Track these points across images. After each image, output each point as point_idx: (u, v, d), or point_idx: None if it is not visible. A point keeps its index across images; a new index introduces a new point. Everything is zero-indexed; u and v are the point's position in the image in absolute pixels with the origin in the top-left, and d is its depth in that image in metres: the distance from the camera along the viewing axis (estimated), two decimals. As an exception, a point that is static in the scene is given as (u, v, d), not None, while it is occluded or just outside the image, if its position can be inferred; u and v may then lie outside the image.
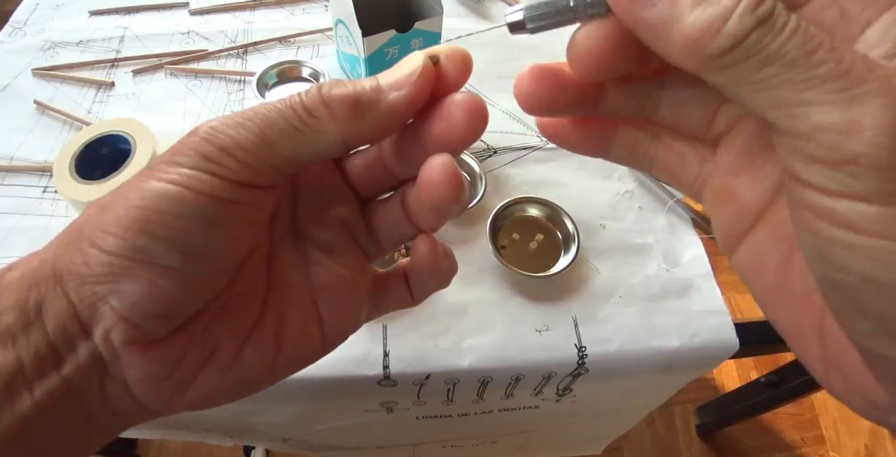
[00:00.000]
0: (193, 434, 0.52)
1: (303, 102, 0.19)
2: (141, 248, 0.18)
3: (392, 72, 0.19)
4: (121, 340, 0.19)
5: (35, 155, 0.52)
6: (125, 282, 0.18)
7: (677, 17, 0.14)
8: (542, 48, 0.66)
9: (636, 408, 0.56)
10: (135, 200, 0.18)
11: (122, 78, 0.59)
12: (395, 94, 0.19)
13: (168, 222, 0.18)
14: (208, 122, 0.19)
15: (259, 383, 0.23)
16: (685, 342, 0.43)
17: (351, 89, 0.19)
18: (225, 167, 0.18)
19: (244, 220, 0.20)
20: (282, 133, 0.19)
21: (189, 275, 0.19)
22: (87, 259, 0.18)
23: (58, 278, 0.18)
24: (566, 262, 0.45)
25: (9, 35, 0.63)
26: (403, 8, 0.57)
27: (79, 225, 0.19)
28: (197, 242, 0.19)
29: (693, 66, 0.15)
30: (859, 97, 0.13)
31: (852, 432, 1.15)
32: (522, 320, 0.44)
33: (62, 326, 0.18)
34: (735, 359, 0.61)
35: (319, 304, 0.23)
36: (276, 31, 0.65)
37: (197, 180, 0.18)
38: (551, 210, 0.48)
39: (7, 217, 0.48)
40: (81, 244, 0.18)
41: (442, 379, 0.42)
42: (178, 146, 0.19)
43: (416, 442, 0.58)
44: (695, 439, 1.14)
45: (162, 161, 0.19)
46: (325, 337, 0.24)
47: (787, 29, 0.13)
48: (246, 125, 0.19)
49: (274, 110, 0.19)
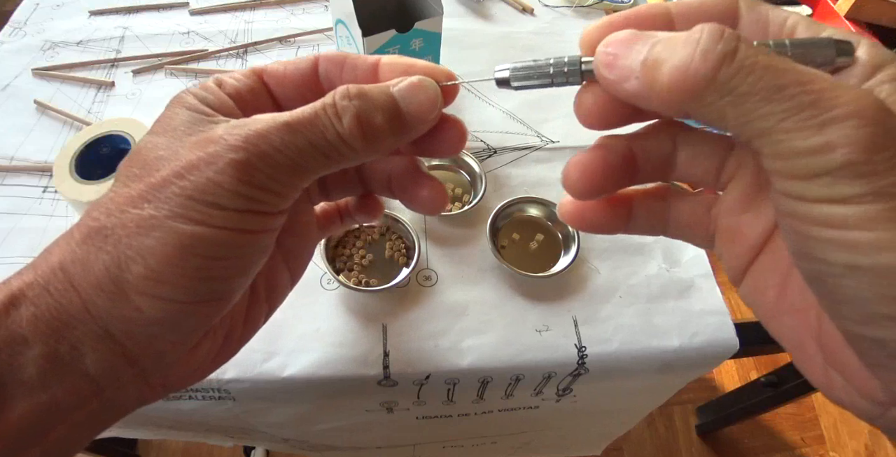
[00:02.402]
0: (193, 434, 0.52)
1: (340, 135, 0.20)
2: (199, 292, 0.20)
3: (412, 97, 0.21)
4: (172, 360, 0.22)
5: (35, 155, 0.52)
6: (182, 320, 0.20)
7: (653, 80, 0.16)
8: (542, 49, 0.66)
9: (636, 408, 0.56)
10: (179, 245, 0.19)
11: (122, 78, 0.59)
12: (421, 126, 0.22)
13: (218, 265, 0.20)
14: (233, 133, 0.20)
15: (248, 339, 0.27)
16: (685, 342, 0.43)
17: (387, 127, 0.21)
18: (263, 203, 0.20)
19: (272, 233, 0.22)
20: (315, 162, 0.20)
21: (235, 296, 0.22)
22: (140, 305, 0.19)
23: (96, 321, 0.19)
24: (566, 262, 0.45)
25: (9, 35, 0.63)
26: (403, 8, 0.57)
27: (110, 267, 0.19)
28: (242, 270, 0.21)
29: (678, 111, 0.17)
30: (829, 121, 0.14)
31: (852, 432, 1.15)
32: (522, 320, 0.44)
33: (107, 365, 0.20)
34: (735, 359, 0.61)
35: (288, 259, 0.27)
36: (276, 31, 0.65)
37: (240, 221, 0.20)
38: (551, 210, 0.48)
39: (7, 217, 0.48)
40: (127, 292, 0.19)
41: (442, 379, 0.42)
42: (209, 176, 0.19)
43: (416, 442, 0.58)
44: (695, 439, 1.14)
45: (193, 196, 0.19)
46: (293, 281, 0.28)
47: (756, 68, 0.15)
48: (279, 160, 0.20)
49: (305, 141, 0.20)
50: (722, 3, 0.19)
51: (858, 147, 0.14)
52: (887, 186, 0.14)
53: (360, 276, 0.44)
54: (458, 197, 0.50)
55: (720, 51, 0.15)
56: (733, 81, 0.15)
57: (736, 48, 0.15)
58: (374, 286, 0.43)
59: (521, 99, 0.60)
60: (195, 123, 0.21)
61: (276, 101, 0.24)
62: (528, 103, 0.60)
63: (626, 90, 0.17)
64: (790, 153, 0.15)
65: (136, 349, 0.20)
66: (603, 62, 0.18)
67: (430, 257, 0.47)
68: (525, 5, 0.70)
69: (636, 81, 0.17)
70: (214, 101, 0.22)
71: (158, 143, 0.21)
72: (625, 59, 0.17)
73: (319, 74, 0.24)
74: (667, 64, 0.16)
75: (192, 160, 0.19)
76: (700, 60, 0.15)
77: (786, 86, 0.15)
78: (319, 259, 0.44)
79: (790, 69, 0.15)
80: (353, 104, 0.20)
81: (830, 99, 0.15)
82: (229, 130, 0.20)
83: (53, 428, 0.19)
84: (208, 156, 0.19)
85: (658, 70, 0.16)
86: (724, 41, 0.15)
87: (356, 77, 0.24)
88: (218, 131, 0.20)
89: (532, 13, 0.70)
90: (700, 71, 0.15)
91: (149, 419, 0.46)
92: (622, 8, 0.73)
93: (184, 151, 0.20)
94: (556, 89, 0.21)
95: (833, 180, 0.15)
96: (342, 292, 0.44)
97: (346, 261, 0.45)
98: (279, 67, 0.24)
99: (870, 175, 0.14)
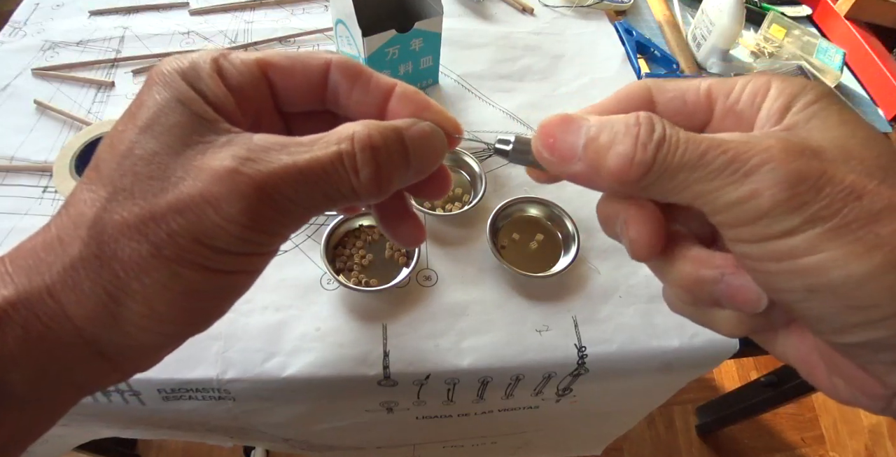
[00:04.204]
0: (193, 434, 0.52)
1: (354, 188, 0.20)
2: (193, 323, 0.20)
3: (420, 148, 0.21)
4: (150, 364, 0.22)
5: (35, 155, 0.52)
6: (172, 343, 0.21)
7: (598, 165, 0.18)
8: (541, 49, 0.66)
9: (636, 408, 0.56)
10: (184, 291, 0.19)
11: (122, 78, 0.59)
12: (420, 176, 0.22)
13: (217, 302, 0.21)
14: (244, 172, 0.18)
15: None
16: (685, 342, 0.43)
17: (398, 179, 0.21)
18: (267, 245, 0.20)
19: (267, 264, 0.22)
20: (323, 208, 0.20)
21: (220, 317, 0.22)
22: (135, 335, 0.19)
23: (90, 346, 0.19)
24: (566, 262, 0.45)
25: (9, 35, 0.63)
26: (403, 8, 0.57)
27: (107, 302, 0.18)
28: (235, 300, 0.21)
29: (625, 192, 0.19)
30: (749, 171, 0.16)
31: (852, 432, 1.15)
32: (522, 320, 0.44)
33: (96, 376, 0.20)
34: (735, 359, 0.61)
35: None
36: (276, 31, 0.65)
37: (244, 264, 0.20)
38: (551, 210, 0.48)
39: (7, 217, 0.48)
40: (124, 325, 0.19)
41: (442, 379, 0.42)
42: (217, 221, 0.18)
43: (416, 442, 0.58)
44: (695, 439, 1.14)
45: (200, 240, 0.18)
46: None
47: (680, 145, 0.17)
48: (290, 210, 0.19)
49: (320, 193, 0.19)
50: (636, 95, 0.22)
51: (781, 187, 0.16)
52: (818, 211, 0.16)
53: (360, 276, 0.44)
54: (458, 197, 0.50)
55: (656, 139, 0.18)
56: (666, 161, 0.17)
57: (664, 133, 0.18)
58: (374, 286, 0.43)
59: (522, 99, 0.60)
60: (194, 129, 0.19)
61: (277, 98, 0.23)
62: (529, 103, 0.60)
63: (570, 172, 0.19)
64: (726, 206, 0.17)
65: (124, 362, 0.20)
66: (543, 144, 0.20)
67: (430, 257, 0.47)
68: (525, 5, 0.70)
69: (581, 164, 0.19)
70: (213, 97, 0.20)
71: (148, 147, 0.18)
72: (563, 143, 0.19)
73: (328, 82, 0.22)
74: (612, 153, 0.18)
75: (194, 195, 0.18)
76: (641, 151, 0.18)
77: (705, 152, 0.17)
78: (319, 259, 0.44)
79: (703, 140, 0.17)
80: (374, 160, 0.19)
81: (745, 152, 0.17)
82: (239, 164, 0.18)
83: (37, 431, 0.20)
84: (214, 196, 0.17)
85: (603, 157, 0.18)
86: (657, 130, 0.18)
87: (365, 100, 0.22)
88: (224, 161, 0.18)
89: (532, 13, 0.70)
90: (643, 160, 0.18)
91: (149, 419, 0.46)
92: (622, 8, 0.73)
93: (182, 173, 0.18)
94: (556, 90, 0.21)
95: (770, 220, 0.16)
96: (342, 292, 0.44)
97: (346, 261, 0.45)
98: (286, 63, 0.22)
99: (799, 207, 0.16)
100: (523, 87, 0.61)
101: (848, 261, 0.16)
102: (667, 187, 0.18)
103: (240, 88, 0.21)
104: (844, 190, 0.16)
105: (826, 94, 0.19)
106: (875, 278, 0.15)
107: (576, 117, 0.19)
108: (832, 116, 0.18)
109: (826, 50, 0.69)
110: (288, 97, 0.23)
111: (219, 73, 0.20)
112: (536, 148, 0.20)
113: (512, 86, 0.62)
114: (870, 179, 0.16)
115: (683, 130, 0.18)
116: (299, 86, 0.22)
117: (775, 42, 0.69)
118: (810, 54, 0.68)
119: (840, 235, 0.16)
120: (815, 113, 0.18)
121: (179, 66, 0.20)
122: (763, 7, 0.75)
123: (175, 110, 0.19)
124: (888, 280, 0.15)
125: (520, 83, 0.62)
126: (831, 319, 0.17)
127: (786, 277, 0.17)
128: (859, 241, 0.16)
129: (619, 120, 0.18)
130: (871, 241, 0.15)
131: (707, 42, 0.65)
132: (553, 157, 0.19)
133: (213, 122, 0.19)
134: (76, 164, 0.45)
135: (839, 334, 0.17)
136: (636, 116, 0.18)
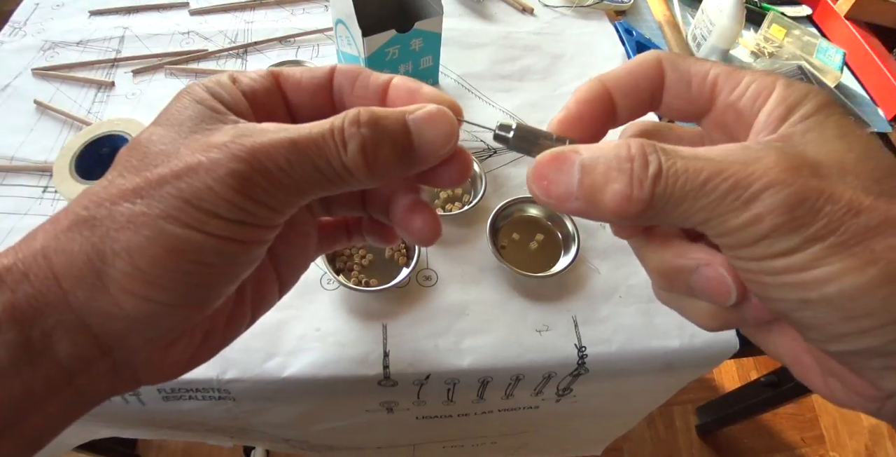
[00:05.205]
0: (193, 434, 0.52)
1: (345, 165, 0.20)
2: (180, 295, 0.20)
3: (428, 129, 0.21)
4: (145, 356, 0.21)
5: (35, 155, 0.52)
6: (159, 320, 0.20)
7: (596, 202, 0.18)
8: (541, 49, 0.66)
9: (636, 408, 0.56)
10: (168, 247, 0.18)
11: (122, 78, 0.59)
12: (433, 160, 0.22)
13: (204, 271, 0.20)
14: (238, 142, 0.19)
15: (227, 343, 0.26)
16: (685, 342, 0.43)
17: (395, 159, 0.21)
18: (257, 216, 0.20)
19: (263, 244, 0.22)
20: (316, 184, 0.20)
21: (215, 303, 0.22)
22: (120, 301, 0.19)
23: (73, 311, 0.19)
24: (566, 262, 0.45)
25: (9, 35, 0.63)
26: (403, 8, 0.57)
27: (93, 259, 0.18)
28: (227, 278, 0.21)
29: (628, 223, 0.20)
30: (751, 198, 0.17)
31: (852, 432, 1.15)
32: (522, 320, 0.44)
33: (80, 355, 0.19)
34: (735, 359, 0.61)
35: (279, 268, 0.27)
36: (276, 31, 0.65)
37: (232, 231, 0.19)
38: (551, 210, 0.48)
39: (7, 217, 0.48)
40: (109, 286, 0.19)
41: (442, 379, 0.42)
42: (208, 183, 0.18)
43: (416, 442, 0.58)
44: (695, 439, 1.14)
45: (189, 200, 0.18)
46: (281, 292, 0.28)
47: (679, 176, 0.17)
48: (280, 178, 0.19)
49: (309, 164, 0.20)
50: (648, 68, 0.22)
51: (782, 210, 0.16)
52: (817, 231, 0.16)
53: (360, 276, 0.44)
54: (458, 197, 0.50)
55: (652, 174, 0.17)
56: (665, 194, 0.17)
57: (659, 166, 0.17)
58: (374, 286, 0.43)
59: (522, 99, 0.60)
60: (203, 118, 0.20)
61: (290, 106, 0.24)
62: (529, 103, 0.60)
63: (568, 209, 0.19)
64: (729, 231, 0.17)
65: (110, 342, 0.20)
66: (538, 187, 0.20)
67: (430, 257, 0.47)
68: (525, 5, 0.70)
69: (578, 202, 0.19)
70: (228, 99, 0.22)
71: (162, 135, 0.20)
72: (557, 185, 0.19)
73: (334, 86, 0.24)
74: (608, 190, 0.18)
75: (191, 163, 0.19)
76: (638, 189, 0.18)
77: (706, 181, 0.17)
78: (319, 259, 0.44)
79: (703, 167, 0.17)
80: (360, 132, 0.20)
81: (745, 178, 0.17)
82: (235, 137, 0.19)
83: (27, 417, 0.19)
84: (209, 161, 0.19)
85: (600, 195, 0.18)
86: (652, 163, 0.18)
87: (365, 94, 0.23)
88: (224, 137, 0.19)
89: (532, 13, 0.70)
90: (641, 197, 0.18)
91: (149, 419, 0.46)
92: (622, 8, 0.73)
93: (185, 150, 0.19)
94: (556, 90, 0.21)
95: (771, 241, 0.17)
96: (342, 292, 0.44)
97: (346, 261, 0.45)
98: (295, 73, 0.24)
99: (799, 228, 0.16)
100: (523, 87, 0.61)
101: (843, 275, 0.16)
102: (670, 216, 0.18)
103: (253, 94, 0.23)
104: (843, 208, 0.16)
105: (825, 105, 0.19)
106: (869, 292, 0.16)
107: (566, 155, 0.19)
108: (829, 129, 0.18)
109: (826, 50, 0.69)
110: (299, 101, 0.24)
111: (234, 82, 0.22)
112: (532, 192, 0.20)
113: (512, 86, 0.62)
114: (866, 195, 0.17)
115: (681, 155, 0.18)
116: (307, 91, 0.24)
117: (775, 42, 0.70)
118: (810, 54, 0.68)
119: (837, 251, 0.16)
120: (812, 126, 0.18)
121: (202, 82, 0.22)
122: (763, 7, 0.75)
123: (189, 107, 0.21)
124: (881, 293, 0.16)
125: (520, 83, 0.62)
126: (824, 329, 0.17)
127: (781, 289, 0.17)
128: (855, 256, 0.16)
129: (610, 152, 0.18)
130: (867, 256, 0.16)
131: (707, 42, 0.65)
132: (550, 199, 0.19)
133: (223, 114, 0.21)
134: (76, 164, 0.45)
135: (831, 343, 0.18)
136: (627, 147, 0.18)
